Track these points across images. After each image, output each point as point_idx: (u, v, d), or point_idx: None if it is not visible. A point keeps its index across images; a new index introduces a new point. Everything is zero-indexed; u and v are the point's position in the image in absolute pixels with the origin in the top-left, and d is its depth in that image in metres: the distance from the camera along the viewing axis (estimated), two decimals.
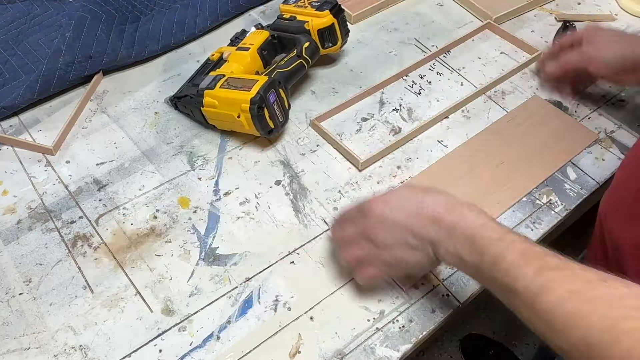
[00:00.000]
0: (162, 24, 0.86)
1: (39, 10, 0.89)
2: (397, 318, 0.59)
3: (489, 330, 1.39)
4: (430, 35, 0.89)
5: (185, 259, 0.63)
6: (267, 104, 0.68)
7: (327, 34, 0.78)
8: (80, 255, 0.63)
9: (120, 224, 0.66)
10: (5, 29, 0.87)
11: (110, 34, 0.81)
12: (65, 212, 0.67)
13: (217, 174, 0.71)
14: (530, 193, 0.69)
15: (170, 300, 0.60)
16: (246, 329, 0.58)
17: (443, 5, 0.95)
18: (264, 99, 0.67)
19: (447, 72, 0.84)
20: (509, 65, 0.84)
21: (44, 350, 0.56)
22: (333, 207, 0.68)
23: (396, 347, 0.57)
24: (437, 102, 0.80)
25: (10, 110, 0.77)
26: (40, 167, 0.72)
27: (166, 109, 0.79)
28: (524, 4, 0.92)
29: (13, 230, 0.66)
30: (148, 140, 0.75)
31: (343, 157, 0.73)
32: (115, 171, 0.72)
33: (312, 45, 0.77)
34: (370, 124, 0.77)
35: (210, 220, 0.67)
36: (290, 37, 0.78)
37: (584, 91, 0.80)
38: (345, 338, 0.57)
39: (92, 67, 0.80)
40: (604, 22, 0.91)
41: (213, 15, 0.88)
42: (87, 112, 0.79)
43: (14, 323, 0.58)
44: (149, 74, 0.84)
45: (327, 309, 0.59)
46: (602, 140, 0.75)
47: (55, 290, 0.61)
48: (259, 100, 0.67)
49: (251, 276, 0.62)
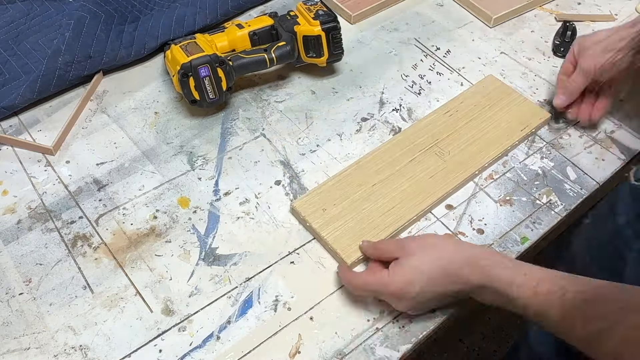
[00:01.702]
0: (162, 21, 0.86)
1: (39, 10, 0.89)
2: (397, 318, 0.59)
3: (489, 330, 1.39)
4: (430, 35, 0.89)
5: (185, 259, 0.63)
6: (194, 75, 0.71)
7: (312, 43, 0.78)
8: (80, 255, 0.63)
9: (120, 224, 0.66)
10: (5, 29, 0.87)
11: (109, 33, 0.81)
12: (65, 212, 0.67)
13: (217, 174, 0.71)
14: (530, 193, 0.69)
15: (170, 300, 0.60)
16: (246, 329, 0.58)
17: (443, 5, 0.95)
18: (192, 68, 0.71)
19: (447, 72, 0.84)
20: (509, 65, 0.84)
21: (44, 350, 0.56)
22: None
23: (396, 347, 0.57)
24: (437, 102, 0.80)
25: (10, 110, 0.77)
26: (40, 167, 0.72)
27: (166, 109, 0.79)
28: (524, 4, 0.92)
29: (13, 230, 0.66)
30: (148, 140, 0.75)
31: (343, 157, 0.73)
32: (115, 171, 0.72)
33: (287, 47, 0.77)
34: (370, 124, 0.77)
35: (210, 220, 0.67)
36: (280, 33, 0.80)
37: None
38: (345, 338, 0.57)
39: (91, 67, 0.80)
40: (604, 23, 0.91)
41: (213, 14, 0.88)
42: (87, 112, 0.79)
43: (14, 323, 0.58)
44: (149, 73, 0.84)
45: (327, 309, 0.59)
46: (602, 140, 0.75)
47: (55, 290, 0.61)
48: (186, 68, 0.71)
49: (251, 276, 0.62)
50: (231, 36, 0.80)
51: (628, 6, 0.94)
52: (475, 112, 0.76)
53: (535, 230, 0.66)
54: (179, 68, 0.71)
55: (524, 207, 0.68)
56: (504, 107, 0.76)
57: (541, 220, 0.67)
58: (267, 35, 0.80)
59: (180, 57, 0.72)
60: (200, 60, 0.71)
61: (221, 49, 0.79)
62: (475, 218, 0.67)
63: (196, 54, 0.71)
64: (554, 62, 0.85)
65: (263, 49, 0.77)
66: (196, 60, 0.71)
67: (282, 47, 0.77)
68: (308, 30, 0.77)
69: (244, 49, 0.79)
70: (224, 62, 0.73)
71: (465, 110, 0.76)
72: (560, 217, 0.67)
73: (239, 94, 0.81)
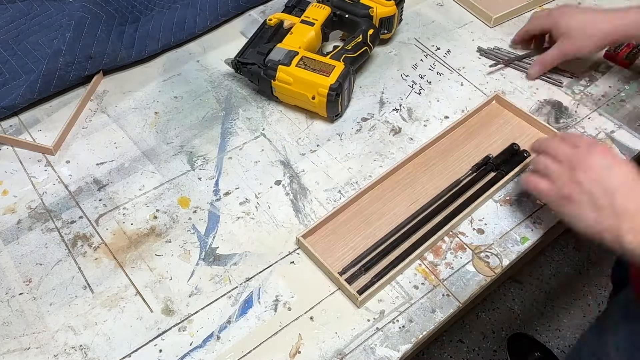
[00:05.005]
0: (162, 23, 0.86)
1: (39, 10, 0.89)
2: (397, 318, 0.59)
3: (489, 330, 1.39)
4: (430, 35, 0.89)
5: (185, 259, 0.63)
6: (341, 91, 0.72)
7: (387, 22, 0.81)
8: (80, 255, 0.63)
9: (120, 224, 0.66)
10: (5, 29, 0.87)
11: (110, 34, 0.81)
12: (65, 212, 0.67)
13: (217, 174, 0.71)
14: (530, 193, 0.69)
15: (170, 300, 0.60)
16: (246, 329, 0.58)
17: (443, 5, 0.95)
18: (342, 86, 0.71)
19: (447, 72, 0.84)
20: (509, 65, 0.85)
21: (44, 350, 0.56)
22: (333, 207, 0.68)
23: (396, 347, 0.57)
24: (437, 102, 0.80)
25: (10, 110, 0.77)
26: (40, 167, 0.72)
27: (166, 109, 0.79)
28: (524, 4, 0.92)
29: (13, 230, 0.66)
30: (148, 140, 0.75)
31: (343, 157, 0.73)
32: (115, 171, 0.72)
33: (376, 32, 0.80)
34: (370, 124, 0.77)
35: (210, 220, 0.67)
36: (352, 19, 0.81)
37: None
38: (345, 338, 0.57)
39: (92, 67, 0.80)
40: None
41: (213, 14, 0.88)
42: (87, 112, 0.79)
43: (14, 323, 0.58)
44: (149, 74, 0.84)
45: (327, 309, 0.59)
46: (602, 140, 0.75)
47: (55, 290, 0.61)
48: (338, 88, 0.71)
49: (251, 276, 0.62)
50: (308, 36, 0.78)
51: None
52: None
53: (535, 230, 0.66)
54: (327, 91, 0.71)
55: (524, 207, 0.68)
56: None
57: (541, 220, 0.67)
58: (330, 24, 0.82)
59: (317, 78, 0.71)
60: (344, 76, 0.72)
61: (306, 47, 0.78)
62: (475, 218, 0.67)
63: (333, 71, 0.72)
64: None
65: (362, 42, 0.77)
66: (341, 77, 0.72)
67: (373, 34, 0.79)
68: (385, 12, 0.81)
69: (318, 45, 0.81)
70: (351, 69, 0.74)
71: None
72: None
73: (239, 93, 0.81)
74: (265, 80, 0.75)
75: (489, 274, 0.62)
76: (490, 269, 0.63)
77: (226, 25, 0.91)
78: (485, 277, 0.62)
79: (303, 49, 0.76)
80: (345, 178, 0.71)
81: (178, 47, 0.88)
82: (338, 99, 0.72)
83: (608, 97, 0.80)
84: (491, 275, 0.62)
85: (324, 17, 0.80)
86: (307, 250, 0.63)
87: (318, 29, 0.80)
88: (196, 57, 0.86)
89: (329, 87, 0.71)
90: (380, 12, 0.81)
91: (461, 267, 0.62)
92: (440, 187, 0.69)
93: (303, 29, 0.79)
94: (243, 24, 0.91)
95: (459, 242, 0.65)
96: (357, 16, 0.81)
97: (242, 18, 0.92)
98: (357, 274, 0.61)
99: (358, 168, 0.72)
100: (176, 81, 0.83)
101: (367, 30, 0.79)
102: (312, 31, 0.79)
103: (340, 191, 0.69)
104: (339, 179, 0.71)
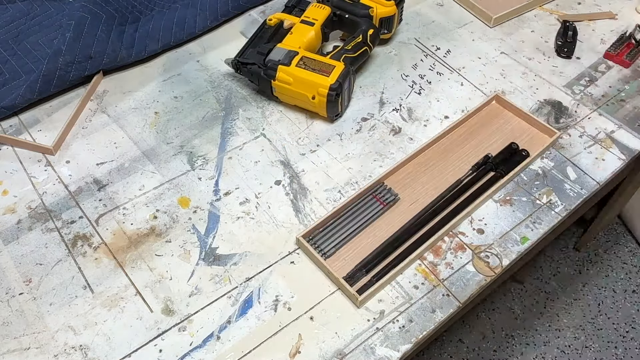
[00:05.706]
0: (162, 23, 0.86)
1: (39, 10, 0.89)
2: (397, 318, 0.59)
3: (489, 330, 1.39)
4: (430, 35, 0.89)
5: (185, 259, 0.63)
6: (341, 91, 0.72)
7: (387, 22, 0.82)
8: (80, 255, 0.63)
9: (120, 224, 0.66)
10: (5, 29, 0.87)
11: (110, 34, 0.81)
12: (65, 212, 0.67)
13: (217, 174, 0.71)
14: (530, 193, 0.69)
15: (170, 300, 0.60)
16: (246, 329, 0.58)
17: (443, 5, 0.95)
18: (342, 86, 0.71)
19: (447, 72, 0.84)
20: (509, 65, 0.84)
21: (44, 350, 0.56)
22: (333, 207, 0.68)
23: (396, 347, 0.57)
24: (437, 102, 0.80)
25: (10, 110, 0.77)
26: (40, 167, 0.72)
27: (166, 109, 0.79)
28: (524, 4, 0.92)
29: (13, 230, 0.66)
30: (148, 140, 0.75)
31: (343, 157, 0.73)
32: (115, 171, 0.72)
33: (376, 32, 0.80)
34: (370, 124, 0.77)
35: (210, 220, 0.67)
36: (352, 19, 0.81)
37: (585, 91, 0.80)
38: (345, 338, 0.57)
39: (92, 67, 0.80)
40: (604, 21, 0.91)
41: (213, 14, 0.88)
42: (87, 112, 0.79)
43: (14, 323, 0.58)
44: (149, 74, 0.84)
45: (327, 309, 0.59)
46: (602, 141, 0.75)
47: (55, 290, 0.61)
48: (338, 88, 0.72)
49: (251, 276, 0.62)
50: (308, 36, 0.79)
51: (628, 6, 0.94)
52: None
53: (535, 230, 0.66)
54: (327, 91, 0.71)
55: (524, 207, 0.68)
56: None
57: (541, 220, 0.67)
58: (330, 24, 0.82)
59: (317, 78, 0.72)
60: (344, 76, 0.72)
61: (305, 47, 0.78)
62: (475, 218, 0.67)
63: (333, 72, 0.72)
64: (554, 62, 0.85)
65: (362, 42, 0.78)
66: (341, 77, 0.72)
67: (373, 34, 0.79)
68: (385, 12, 0.81)
69: (318, 45, 0.81)
70: (351, 69, 0.74)
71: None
72: (560, 217, 0.67)
73: (239, 93, 0.81)
74: (265, 80, 0.75)
75: (489, 274, 0.62)
76: (490, 269, 0.63)
77: (226, 25, 0.91)
78: (485, 277, 0.62)
79: (303, 49, 0.76)
80: (345, 178, 0.71)
81: (178, 47, 0.88)
82: (338, 99, 0.72)
83: (608, 97, 0.80)
84: (491, 275, 0.62)
85: (324, 17, 0.81)
86: (307, 250, 0.63)
87: (318, 29, 0.80)
88: (196, 57, 0.86)
89: (329, 87, 0.71)
90: (380, 12, 0.81)
91: (461, 267, 0.62)
92: (440, 187, 0.69)
93: (303, 29, 0.79)
94: (243, 24, 0.91)
95: (459, 242, 0.65)
96: (357, 16, 0.81)
97: (242, 18, 0.92)
98: (358, 274, 0.61)
99: (358, 168, 0.72)
100: (176, 81, 0.83)
101: (367, 30, 0.79)
102: (312, 31, 0.79)
103: (340, 191, 0.69)
104: (339, 179, 0.71)
